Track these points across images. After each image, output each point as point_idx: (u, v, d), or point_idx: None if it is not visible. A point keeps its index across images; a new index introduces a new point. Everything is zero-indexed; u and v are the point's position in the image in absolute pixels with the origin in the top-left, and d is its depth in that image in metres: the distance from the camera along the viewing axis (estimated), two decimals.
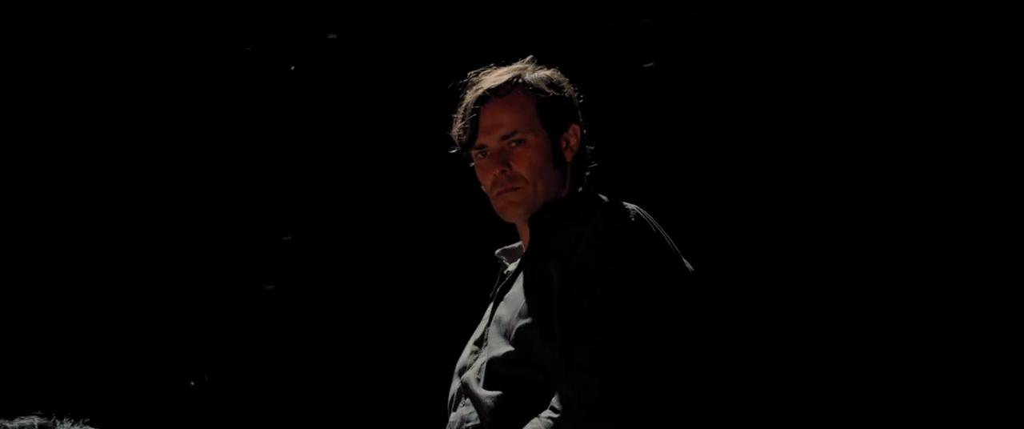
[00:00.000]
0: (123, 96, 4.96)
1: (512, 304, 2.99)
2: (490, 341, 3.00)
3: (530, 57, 3.18)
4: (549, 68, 3.20)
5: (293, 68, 4.64)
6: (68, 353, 4.98)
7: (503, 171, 3.06)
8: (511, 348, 2.92)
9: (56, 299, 4.95)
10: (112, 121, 4.98)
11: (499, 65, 3.20)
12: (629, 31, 4.61)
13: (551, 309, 2.89)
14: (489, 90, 3.09)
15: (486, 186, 3.13)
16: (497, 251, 3.28)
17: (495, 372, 2.93)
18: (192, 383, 4.92)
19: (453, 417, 3.01)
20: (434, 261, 4.92)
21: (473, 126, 3.09)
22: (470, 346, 3.13)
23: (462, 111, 3.14)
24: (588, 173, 3.21)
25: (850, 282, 4.54)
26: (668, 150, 4.68)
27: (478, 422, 2.91)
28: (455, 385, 3.07)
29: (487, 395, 2.90)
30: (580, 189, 3.18)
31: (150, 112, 4.96)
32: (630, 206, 3.00)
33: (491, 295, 3.22)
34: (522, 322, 2.92)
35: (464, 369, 3.07)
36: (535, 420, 2.78)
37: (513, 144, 3.07)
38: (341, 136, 4.95)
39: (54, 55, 4.93)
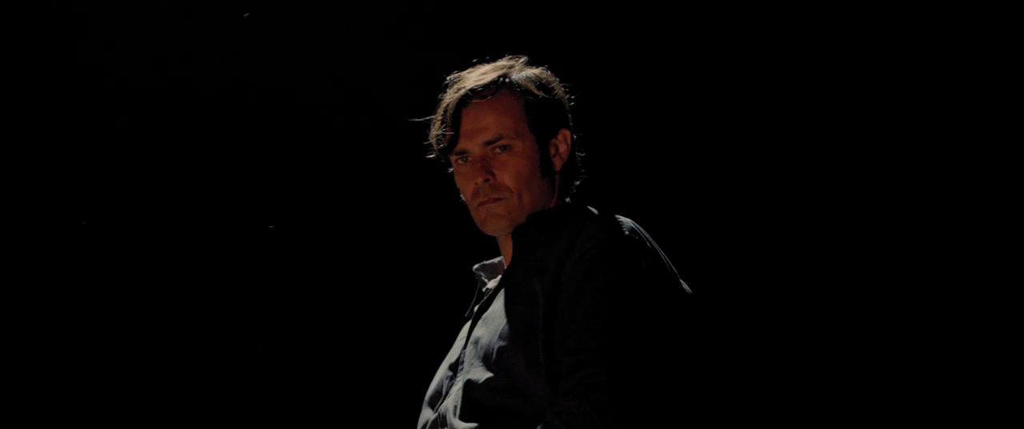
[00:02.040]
0: (97, 97, 4.74)
1: (492, 325, 2.74)
2: (467, 365, 2.74)
3: (523, 58, 2.92)
4: (538, 66, 2.94)
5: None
6: (64, 353, 4.80)
7: (486, 180, 2.81)
8: (491, 374, 2.66)
9: (52, 299, 4.75)
10: (85, 122, 4.76)
11: (483, 62, 2.95)
12: (622, 28, 4.38)
13: (536, 332, 2.64)
14: (472, 90, 2.83)
15: (466, 195, 2.87)
16: (475, 266, 3.03)
17: (474, 400, 2.67)
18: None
19: None
20: (405, 275, 4.65)
21: (454, 130, 2.83)
22: (444, 370, 2.87)
23: (442, 112, 2.88)
24: (577, 183, 2.97)
25: (860, 308, 4.31)
26: (665, 158, 4.42)
27: None
28: (427, 415, 2.81)
29: (466, 427, 2.64)
30: (567, 200, 2.94)
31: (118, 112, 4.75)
32: (624, 220, 2.74)
33: (468, 314, 2.97)
34: (504, 345, 2.66)
35: (437, 396, 2.81)
36: None
37: (497, 150, 2.81)
38: (307, 139, 4.74)
39: (49, 57, 4.72)
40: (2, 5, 4.65)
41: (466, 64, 2.96)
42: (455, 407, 2.69)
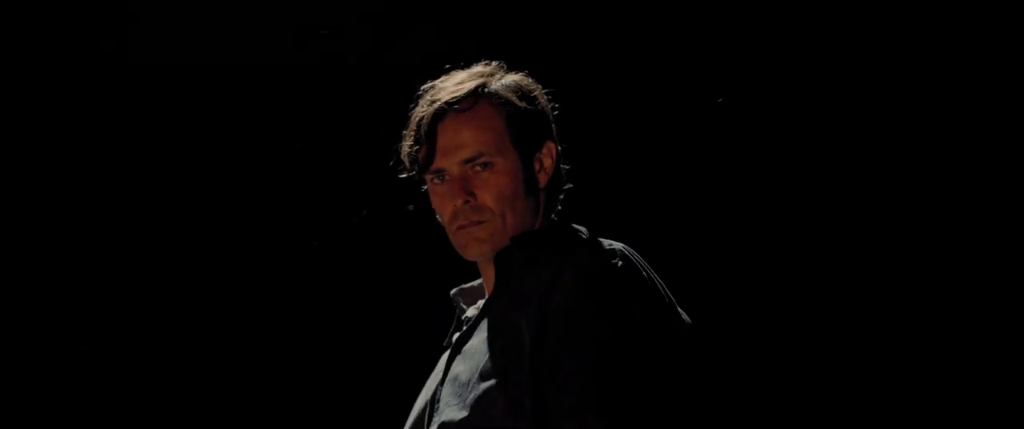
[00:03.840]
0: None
1: (472, 361, 2.52)
2: (443, 405, 2.53)
3: (501, 64, 2.69)
4: (517, 72, 2.71)
5: None
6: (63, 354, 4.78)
7: (466, 201, 2.57)
8: (467, 415, 2.45)
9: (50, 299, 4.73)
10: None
11: (457, 68, 2.71)
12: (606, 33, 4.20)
13: (521, 373, 2.42)
14: (447, 103, 2.59)
15: (443, 217, 2.64)
16: (453, 291, 2.80)
17: None
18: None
19: None
20: (378, 299, 4.46)
21: (429, 146, 2.59)
22: (420, 406, 2.65)
23: (415, 127, 2.64)
24: (561, 197, 2.74)
25: (864, 337, 4.15)
26: (657, 171, 4.22)
27: None
28: None
29: None
30: (553, 217, 2.70)
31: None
32: (615, 245, 2.53)
33: (445, 343, 2.74)
34: (484, 386, 2.45)
35: None
36: None
37: (478, 168, 2.58)
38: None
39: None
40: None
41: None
42: None
